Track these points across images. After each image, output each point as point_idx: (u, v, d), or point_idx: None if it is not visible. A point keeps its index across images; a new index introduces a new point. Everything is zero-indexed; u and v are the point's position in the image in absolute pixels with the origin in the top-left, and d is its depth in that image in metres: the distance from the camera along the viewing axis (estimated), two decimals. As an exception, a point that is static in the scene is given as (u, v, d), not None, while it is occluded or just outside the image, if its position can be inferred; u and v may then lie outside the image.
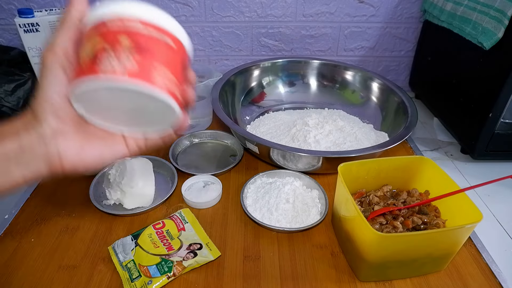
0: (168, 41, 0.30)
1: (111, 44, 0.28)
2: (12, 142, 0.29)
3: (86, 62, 0.28)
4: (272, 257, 0.51)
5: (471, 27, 0.66)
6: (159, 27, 0.30)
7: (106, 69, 0.27)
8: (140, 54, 0.28)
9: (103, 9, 0.29)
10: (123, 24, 0.29)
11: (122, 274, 0.47)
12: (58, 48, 0.30)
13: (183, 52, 0.32)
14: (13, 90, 0.79)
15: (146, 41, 0.29)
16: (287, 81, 0.90)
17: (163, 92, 0.29)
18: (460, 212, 0.48)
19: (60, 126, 0.30)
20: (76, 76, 0.29)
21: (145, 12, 0.29)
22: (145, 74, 0.28)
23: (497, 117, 0.63)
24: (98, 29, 0.29)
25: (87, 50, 0.28)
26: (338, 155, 0.60)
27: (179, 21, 0.90)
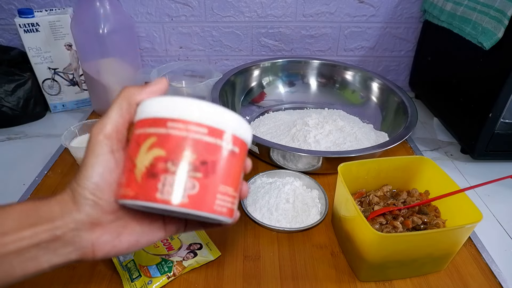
0: (233, 149, 0.27)
1: (173, 159, 0.24)
2: (46, 232, 0.26)
3: (143, 176, 0.25)
4: (272, 257, 0.51)
5: (471, 27, 0.66)
6: (224, 132, 0.26)
7: (166, 193, 0.24)
8: (204, 175, 0.25)
9: (165, 103, 0.26)
10: (186, 129, 0.25)
11: (122, 274, 0.47)
12: (109, 129, 0.28)
13: (245, 151, 0.29)
14: (13, 90, 0.79)
15: (210, 155, 0.25)
16: (287, 81, 0.90)
17: (221, 216, 0.26)
18: (460, 212, 0.48)
19: (99, 216, 0.28)
20: (130, 190, 0.25)
21: (209, 114, 0.25)
22: (206, 200, 0.25)
23: (497, 117, 0.63)
24: (157, 127, 0.25)
25: (144, 158, 0.25)
26: (338, 155, 0.60)
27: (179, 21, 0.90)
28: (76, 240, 0.27)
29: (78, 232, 0.27)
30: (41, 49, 0.80)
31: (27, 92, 0.81)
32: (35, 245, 0.26)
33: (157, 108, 0.26)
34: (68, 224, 0.27)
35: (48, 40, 0.79)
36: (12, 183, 0.66)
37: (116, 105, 0.28)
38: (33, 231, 0.26)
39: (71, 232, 0.27)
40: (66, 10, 0.81)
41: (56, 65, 0.83)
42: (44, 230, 0.26)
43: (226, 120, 0.26)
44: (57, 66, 0.83)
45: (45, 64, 0.82)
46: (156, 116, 0.25)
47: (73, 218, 0.27)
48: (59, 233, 0.27)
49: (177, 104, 0.25)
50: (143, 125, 0.26)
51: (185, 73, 0.84)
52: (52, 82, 0.84)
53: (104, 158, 0.27)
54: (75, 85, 0.87)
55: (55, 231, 0.27)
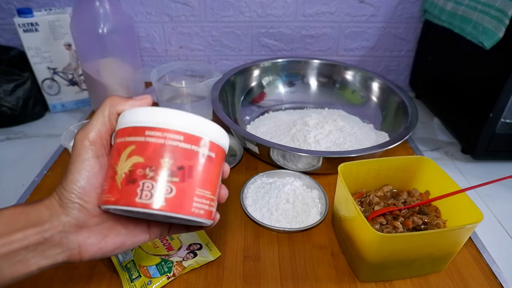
0: (210, 154, 0.29)
1: (151, 165, 0.26)
2: (35, 234, 0.27)
3: (123, 182, 0.26)
4: (272, 257, 0.51)
5: (471, 27, 0.66)
6: (200, 139, 0.28)
7: (144, 198, 0.26)
8: (181, 179, 0.27)
9: (143, 113, 0.27)
10: (163, 137, 0.27)
11: (122, 275, 0.47)
12: (93, 135, 0.29)
13: (222, 156, 0.31)
14: (12, 90, 0.79)
15: (187, 160, 0.27)
16: (287, 81, 0.89)
17: (199, 218, 0.28)
18: (460, 212, 0.47)
19: (86, 218, 0.29)
20: (111, 196, 0.27)
21: (185, 122, 0.27)
22: (183, 203, 0.27)
23: (498, 117, 0.63)
24: (136, 136, 0.27)
25: (124, 165, 0.27)
26: (338, 155, 0.59)
27: (179, 21, 0.90)
28: (64, 242, 0.28)
29: (65, 234, 0.28)
30: (40, 49, 0.80)
31: (26, 92, 0.81)
32: (24, 247, 0.27)
33: (136, 118, 0.28)
34: (56, 227, 0.28)
35: (48, 40, 0.79)
36: (11, 183, 0.66)
37: (100, 113, 0.30)
38: (23, 234, 0.27)
39: (58, 234, 0.28)
40: (65, 10, 0.81)
41: (55, 65, 0.83)
42: (33, 233, 0.27)
43: (202, 127, 0.28)
44: (56, 66, 0.83)
45: (45, 64, 0.82)
46: (135, 125, 0.27)
47: (60, 221, 0.28)
48: (47, 236, 0.28)
49: (155, 113, 0.27)
50: (123, 134, 0.28)
51: (185, 73, 0.84)
52: (52, 82, 0.84)
53: (90, 163, 0.29)
54: (74, 85, 0.87)
55: (44, 233, 0.28)
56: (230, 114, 0.75)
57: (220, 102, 0.71)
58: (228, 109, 0.76)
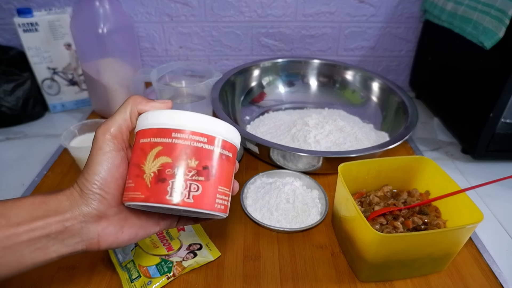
0: (228, 154, 0.31)
1: (179, 165, 0.28)
2: (56, 223, 0.29)
3: (152, 181, 0.28)
4: (272, 257, 0.51)
5: (471, 27, 0.66)
6: (220, 140, 0.30)
7: (174, 195, 0.28)
8: (206, 178, 0.29)
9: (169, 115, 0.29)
10: (189, 139, 0.29)
11: (122, 275, 0.47)
12: (115, 129, 0.31)
13: (235, 154, 0.33)
14: (12, 90, 0.79)
15: (210, 160, 0.29)
16: (287, 81, 0.89)
17: (219, 212, 0.30)
18: (460, 213, 0.47)
19: (106, 209, 0.30)
20: (140, 194, 0.29)
21: (208, 125, 0.30)
22: (208, 200, 0.29)
23: (498, 117, 0.63)
24: (162, 137, 0.29)
25: (152, 165, 0.29)
26: (338, 155, 0.59)
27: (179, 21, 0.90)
28: (84, 231, 0.30)
29: (85, 224, 0.30)
30: (40, 49, 0.80)
31: (26, 92, 0.81)
32: (46, 235, 0.28)
33: (161, 120, 0.29)
34: (77, 217, 0.29)
35: (48, 39, 0.79)
36: (11, 183, 0.65)
37: (122, 110, 0.31)
38: (45, 222, 0.28)
39: (79, 224, 0.29)
40: (65, 10, 0.81)
41: (55, 65, 0.83)
42: (55, 221, 0.29)
43: (221, 129, 0.31)
44: (56, 66, 0.83)
45: (44, 64, 0.82)
46: (161, 127, 0.29)
47: (81, 211, 0.29)
48: (68, 225, 0.29)
49: (180, 116, 0.29)
50: (147, 135, 0.30)
51: (185, 73, 0.84)
52: (52, 82, 0.84)
53: (111, 155, 0.30)
54: (74, 85, 0.87)
55: (65, 222, 0.29)
56: (230, 114, 0.75)
57: (220, 102, 0.71)
58: (228, 109, 0.76)
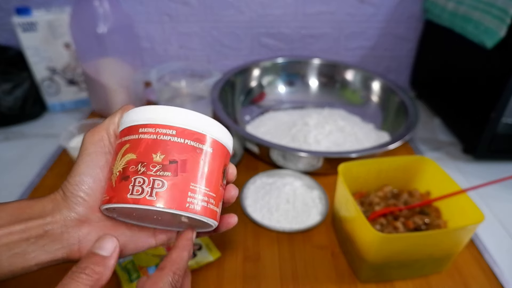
0: (206, 149, 0.28)
1: (143, 161, 0.26)
2: (36, 227, 0.27)
3: (117, 180, 0.27)
4: (272, 257, 0.51)
5: (473, 26, 0.66)
6: (194, 132, 0.27)
7: (135, 193, 0.25)
8: (173, 173, 0.26)
9: (136, 112, 0.28)
10: (155, 133, 0.27)
11: (121, 275, 0.47)
12: (103, 133, 0.30)
13: (221, 152, 0.29)
14: (11, 90, 0.79)
15: (180, 154, 0.26)
16: (287, 81, 0.89)
17: (195, 214, 0.27)
18: (461, 213, 0.47)
19: (88, 213, 0.29)
20: (107, 195, 0.27)
21: (178, 117, 0.27)
22: (176, 198, 0.26)
23: (499, 117, 0.63)
24: (130, 134, 0.27)
25: (118, 164, 0.27)
26: (339, 155, 0.59)
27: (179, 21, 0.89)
28: (64, 237, 0.28)
29: (66, 228, 0.28)
30: (39, 49, 0.79)
31: (25, 92, 0.81)
32: (25, 239, 0.27)
33: (131, 117, 0.28)
34: (58, 221, 0.28)
35: (47, 39, 0.79)
36: (10, 184, 0.65)
37: (113, 115, 0.31)
38: (25, 226, 0.27)
39: (59, 228, 0.28)
40: (64, 9, 0.81)
41: (54, 64, 0.82)
42: (35, 225, 0.27)
43: (196, 122, 0.28)
44: (55, 65, 0.83)
45: (44, 64, 0.81)
46: (130, 124, 0.28)
47: (62, 215, 0.28)
48: (48, 229, 0.28)
49: (147, 111, 0.28)
50: (121, 135, 0.28)
51: (185, 73, 0.84)
52: (51, 82, 0.84)
53: (95, 156, 0.29)
54: (74, 85, 0.87)
55: (45, 226, 0.28)
56: (230, 114, 0.75)
57: (220, 102, 0.71)
58: (228, 109, 0.76)
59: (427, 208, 0.52)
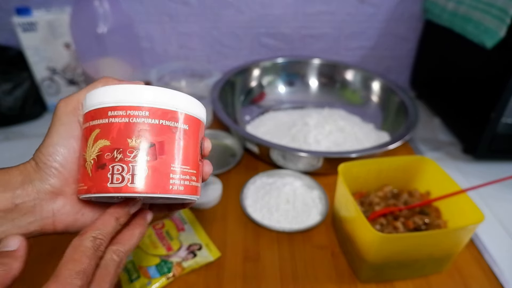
0: (182, 126, 0.27)
1: (118, 147, 0.25)
2: (4, 200, 0.25)
3: (92, 169, 0.25)
4: (272, 257, 0.51)
5: (473, 26, 0.66)
6: (168, 111, 0.26)
7: (116, 182, 0.24)
8: (152, 157, 0.25)
9: (103, 92, 0.26)
10: (127, 115, 0.25)
11: (121, 275, 0.47)
12: (76, 102, 0.28)
13: (197, 127, 0.28)
14: (11, 90, 0.79)
15: (156, 136, 0.25)
16: (287, 81, 0.89)
17: (180, 194, 0.26)
18: (461, 213, 0.47)
19: (62, 184, 0.27)
20: (84, 185, 0.26)
21: (149, 96, 0.26)
22: (159, 182, 0.25)
23: (499, 117, 0.63)
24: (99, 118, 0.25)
25: (91, 151, 0.25)
26: (339, 155, 0.59)
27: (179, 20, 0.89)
28: (37, 209, 0.27)
29: (39, 201, 0.27)
30: (39, 49, 0.79)
31: (25, 92, 0.81)
32: None
33: (98, 99, 0.26)
34: (29, 193, 0.26)
35: (47, 39, 0.79)
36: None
37: (90, 86, 0.29)
38: None
39: (32, 201, 0.26)
40: (64, 9, 0.81)
41: (54, 64, 0.82)
42: (3, 198, 0.26)
43: (168, 99, 0.26)
44: (55, 65, 0.83)
45: (44, 64, 0.81)
46: (98, 107, 0.26)
47: (34, 187, 0.26)
48: (18, 202, 0.26)
49: (115, 91, 0.26)
50: (87, 119, 0.27)
51: (185, 73, 0.84)
52: (51, 82, 0.84)
53: (69, 127, 0.27)
54: (74, 85, 0.87)
55: (15, 199, 0.26)
56: (230, 114, 0.75)
57: (220, 102, 0.71)
58: (228, 109, 0.76)
59: (427, 208, 0.52)
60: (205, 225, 0.55)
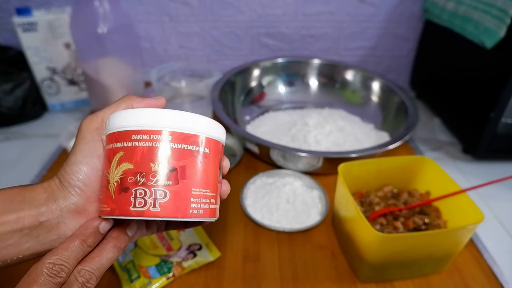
0: (204, 150, 0.27)
1: (142, 171, 0.25)
2: (30, 217, 0.26)
3: (116, 191, 0.26)
4: (272, 257, 0.51)
5: (472, 27, 0.66)
6: (190, 136, 0.26)
7: (138, 206, 0.25)
8: (174, 182, 0.25)
9: (127, 116, 0.26)
10: (150, 140, 0.25)
11: (121, 275, 0.47)
12: (101, 120, 0.28)
13: (217, 150, 0.29)
14: (11, 90, 0.79)
15: (178, 161, 0.26)
16: (287, 81, 0.89)
17: (199, 218, 0.27)
18: (461, 213, 0.47)
19: (85, 203, 0.28)
20: (107, 206, 0.26)
21: (172, 121, 0.26)
22: (179, 207, 0.26)
23: (499, 117, 0.63)
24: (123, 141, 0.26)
25: (115, 173, 0.26)
26: (339, 155, 0.59)
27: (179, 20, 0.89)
28: (61, 227, 0.27)
29: (63, 219, 0.27)
30: (39, 49, 0.80)
31: (25, 92, 0.81)
32: (18, 230, 0.26)
33: (121, 122, 0.26)
34: (53, 211, 0.27)
35: (47, 39, 0.79)
36: (9, 184, 0.65)
37: (114, 105, 0.29)
38: (17, 215, 0.26)
39: (56, 219, 0.27)
40: (64, 9, 0.81)
41: (54, 64, 0.82)
42: (28, 215, 0.26)
43: (191, 124, 0.27)
44: (55, 65, 0.83)
45: (44, 64, 0.81)
46: (122, 129, 0.26)
47: (58, 205, 0.27)
48: (43, 220, 0.26)
49: (139, 115, 0.26)
50: (111, 140, 0.27)
51: (185, 73, 0.84)
52: (51, 82, 0.84)
53: (93, 145, 0.28)
54: (74, 85, 0.87)
55: (40, 217, 0.26)
56: (230, 114, 0.75)
57: (220, 102, 0.71)
58: (228, 109, 0.76)
59: (427, 208, 0.52)
60: (205, 225, 0.55)
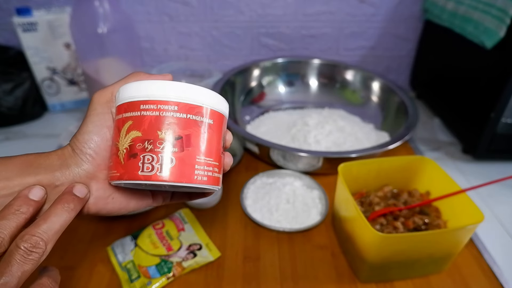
0: (208, 121, 0.29)
1: (149, 138, 0.27)
2: (48, 180, 0.28)
3: (125, 158, 0.27)
4: (272, 257, 0.51)
5: (472, 27, 0.66)
6: (195, 106, 0.28)
7: (146, 170, 0.27)
8: (180, 149, 0.27)
9: (136, 87, 0.28)
10: (158, 109, 0.27)
11: (121, 275, 0.47)
12: (111, 95, 0.30)
13: (220, 122, 0.31)
14: (11, 90, 0.79)
15: (184, 130, 0.27)
16: (287, 81, 0.89)
17: (202, 184, 0.28)
18: (461, 213, 0.47)
19: (96, 170, 0.29)
20: (116, 172, 0.28)
21: (178, 92, 0.28)
22: (185, 172, 0.27)
23: (499, 117, 0.63)
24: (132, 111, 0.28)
25: (124, 141, 0.28)
26: (339, 155, 0.59)
27: (179, 20, 0.89)
28: None
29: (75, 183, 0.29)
30: (39, 49, 0.80)
31: (25, 92, 0.81)
32: None
33: (130, 93, 0.28)
34: (67, 176, 0.29)
35: (47, 39, 0.79)
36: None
37: (123, 80, 0.31)
38: (35, 179, 0.28)
39: (69, 183, 0.29)
40: (64, 9, 0.81)
41: (55, 64, 0.82)
42: (45, 179, 0.28)
43: (196, 95, 0.28)
44: (55, 65, 0.83)
45: (44, 64, 0.81)
46: (130, 100, 0.28)
47: (71, 171, 0.29)
48: (58, 184, 0.28)
49: (148, 86, 0.28)
50: (120, 111, 0.29)
51: (185, 73, 0.84)
52: (51, 82, 0.84)
53: (103, 117, 0.30)
54: (74, 85, 0.87)
55: (55, 181, 0.28)
56: (230, 114, 0.75)
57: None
58: (228, 109, 0.76)
59: (427, 208, 0.52)
60: (205, 225, 0.55)
